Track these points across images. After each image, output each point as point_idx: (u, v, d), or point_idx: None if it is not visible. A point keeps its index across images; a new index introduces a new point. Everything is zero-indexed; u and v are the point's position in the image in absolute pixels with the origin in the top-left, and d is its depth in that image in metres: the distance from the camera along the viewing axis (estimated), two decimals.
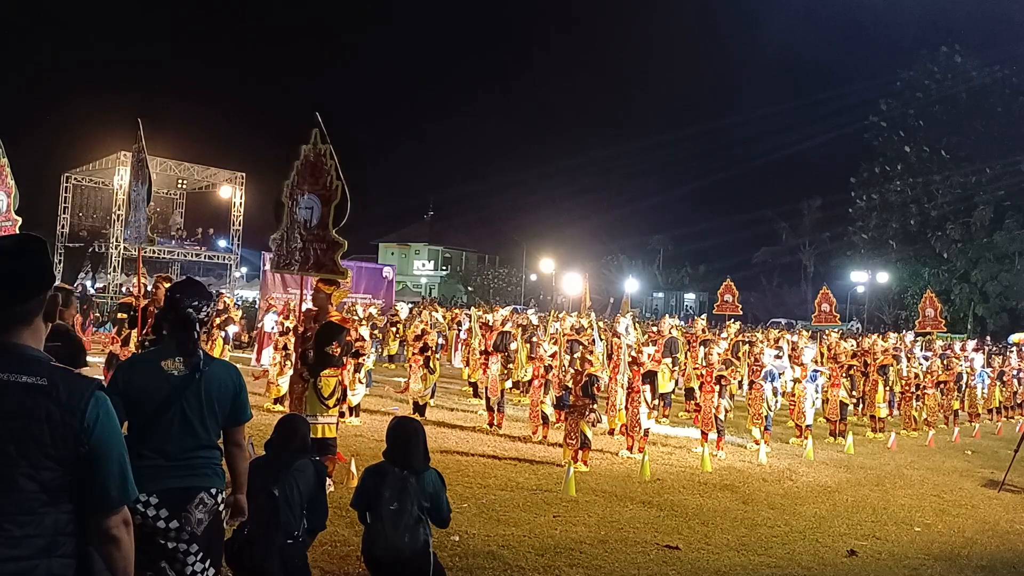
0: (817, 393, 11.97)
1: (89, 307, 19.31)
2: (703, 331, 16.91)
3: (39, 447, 2.02)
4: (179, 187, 33.66)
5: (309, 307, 7.25)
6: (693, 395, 12.92)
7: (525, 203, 73.61)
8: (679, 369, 14.49)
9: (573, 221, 66.13)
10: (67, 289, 5.83)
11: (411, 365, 11.75)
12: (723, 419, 10.23)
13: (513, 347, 12.08)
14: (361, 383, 10.87)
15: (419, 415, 10.91)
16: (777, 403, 11.07)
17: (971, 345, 20.92)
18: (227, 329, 15.32)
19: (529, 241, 57.42)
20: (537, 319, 17.75)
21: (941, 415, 14.95)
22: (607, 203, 74.99)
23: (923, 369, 14.75)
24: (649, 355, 10.16)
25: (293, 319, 11.22)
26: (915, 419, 13.93)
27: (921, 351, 18.81)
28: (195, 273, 33.30)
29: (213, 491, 3.16)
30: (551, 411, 10.75)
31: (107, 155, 28.84)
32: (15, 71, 56.84)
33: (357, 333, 9.69)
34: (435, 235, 63.93)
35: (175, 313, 3.21)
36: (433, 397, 11.99)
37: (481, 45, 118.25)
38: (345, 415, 9.78)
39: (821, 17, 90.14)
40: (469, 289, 57.77)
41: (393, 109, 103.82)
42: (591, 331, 12.43)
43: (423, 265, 64.43)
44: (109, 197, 29.84)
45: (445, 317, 21.19)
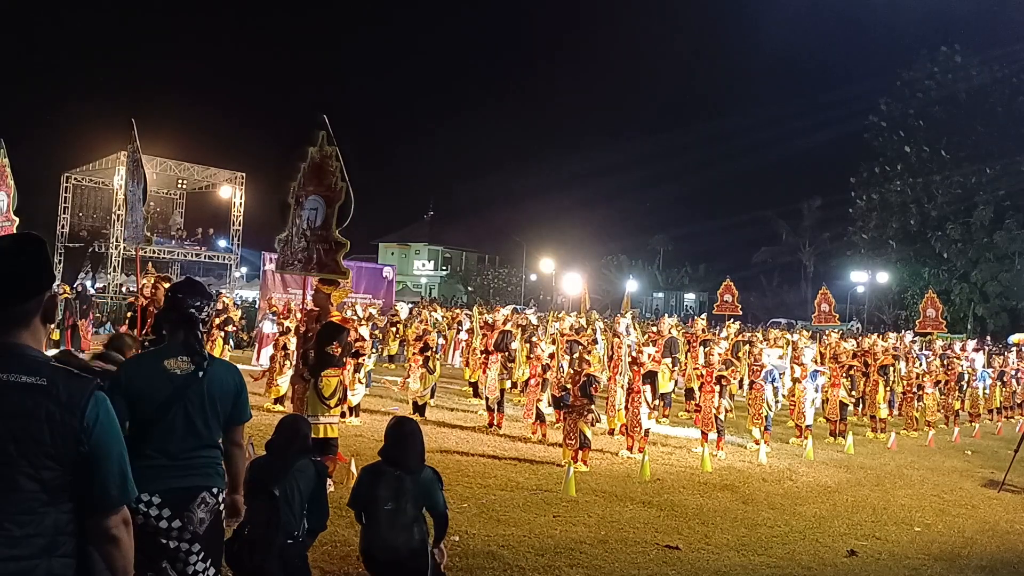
0: (817, 393, 11.97)
1: (89, 307, 19.27)
2: (703, 331, 16.91)
3: (39, 447, 2.03)
4: (179, 187, 33.62)
5: (310, 307, 7.26)
6: (693, 395, 12.92)
7: (525, 203, 73.36)
8: (679, 369, 14.50)
9: (573, 221, 66.08)
10: (131, 336, 5.51)
11: (411, 365, 11.76)
12: (723, 419, 10.23)
13: (514, 347, 12.09)
14: (361, 383, 10.87)
15: (419, 415, 10.92)
16: (777, 403, 11.08)
17: (971, 345, 20.93)
18: (226, 329, 15.33)
19: (529, 241, 57.39)
20: (536, 319, 17.74)
21: (941, 415, 14.96)
22: (607, 203, 74.96)
23: (924, 369, 14.76)
24: (649, 355, 10.16)
25: (293, 320, 11.25)
26: (915, 419, 13.95)
27: (920, 350, 18.81)
28: (195, 273, 33.27)
29: (215, 490, 3.17)
30: (549, 410, 10.76)
31: (107, 155, 28.79)
32: (15, 71, 56.88)
33: (357, 333, 9.69)
34: (435, 235, 63.85)
35: (177, 313, 3.22)
36: (433, 397, 11.99)
37: (481, 45, 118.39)
38: (345, 415, 9.78)
39: (821, 17, 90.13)
40: (469, 289, 57.74)
41: (393, 109, 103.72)
42: (591, 331, 12.43)
43: (423, 265, 64.38)
44: (109, 197, 29.82)
45: (445, 317, 21.21)
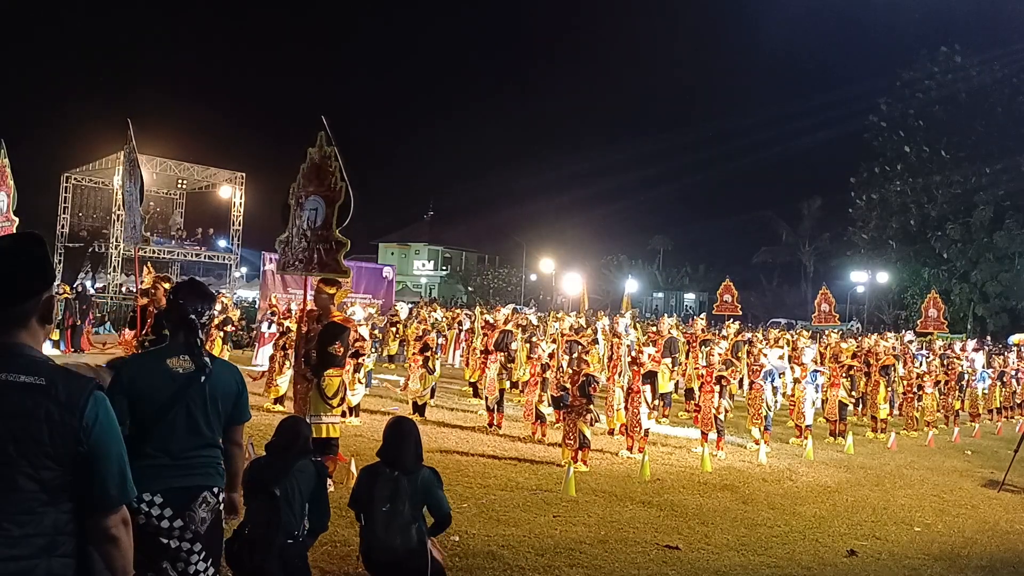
0: (817, 393, 11.97)
1: (89, 307, 19.27)
2: (703, 331, 16.92)
3: (39, 447, 2.02)
4: (179, 187, 33.59)
5: (310, 307, 7.25)
6: (693, 395, 12.92)
7: (525, 203, 73.43)
8: (679, 369, 14.50)
9: (573, 221, 66.23)
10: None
11: (411, 365, 11.76)
12: (723, 419, 10.23)
13: (514, 347, 12.09)
14: (361, 383, 10.87)
15: (419, 415, 10.92)
16: (777, 403, 11.07)
17: (971, 345, 20.92)
18: (226, 329, 15.34)
19: (529, 241, 57.39)
20: (536, 319, 17.75)
21: (941, 415, 14.96)
22: (607, 203, 74.99)
23: (924, 369, 14.76)
24: (649, 355, 10.16)
25: (292, 320, 11.25)
26: (915, 419, 13.94)
27: (918, 350, 18.79)
28: (195, 273, 33.27)
29: (215, 490, 3.17)
30: (548, 410, 10.75)
31: (107, 155, 28.74)
32: (15, 71, 56.89)
33: (357, 333, 9.69)
34: (435, 235, 63.82)
35: (179, 315, 3.22)
36: (433, 397, 11.99)
37: (481, 45, 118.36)
38: (345, 415, 9.78)
39: (821, 17, 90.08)
40: (469, 289, 57.70)
41: (393, 109, 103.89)
42: (591, 331, 12.42)
43: (423, 265, 64.36)
44: (109, 197, 29.79)
45: (445, 317, 21.21)
